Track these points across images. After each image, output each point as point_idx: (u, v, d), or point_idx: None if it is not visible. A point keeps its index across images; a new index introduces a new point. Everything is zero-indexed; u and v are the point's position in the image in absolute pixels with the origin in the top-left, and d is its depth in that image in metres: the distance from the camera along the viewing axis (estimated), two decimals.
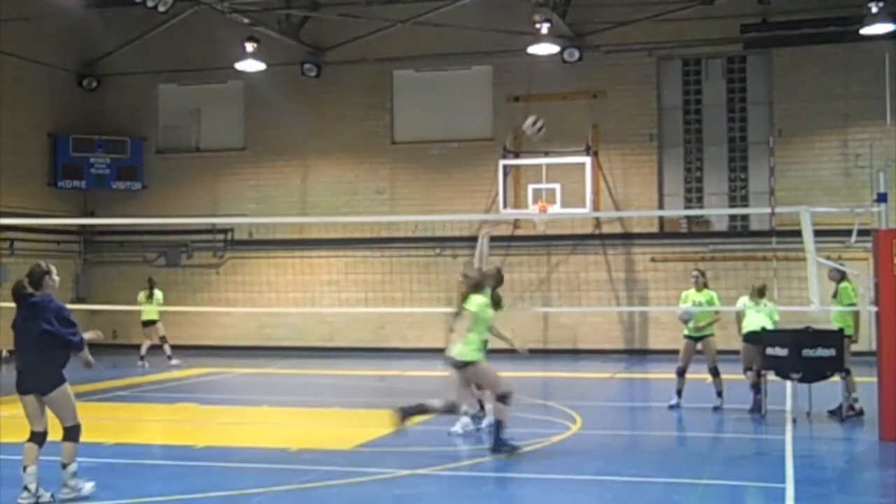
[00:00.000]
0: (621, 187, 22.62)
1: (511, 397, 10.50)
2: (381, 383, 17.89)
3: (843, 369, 12.33)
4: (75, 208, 25.20)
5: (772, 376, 12.70)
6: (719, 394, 13.46)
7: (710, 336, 13.66)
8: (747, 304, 13.39)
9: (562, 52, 21.72)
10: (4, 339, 9.43)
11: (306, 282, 23.70)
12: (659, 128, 22.91)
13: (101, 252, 25.60)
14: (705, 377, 13.68)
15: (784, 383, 12.84)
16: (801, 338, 12.37)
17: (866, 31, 19.62)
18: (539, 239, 22.38)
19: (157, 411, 14.62)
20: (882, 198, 11.84)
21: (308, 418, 13.69)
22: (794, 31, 21.48)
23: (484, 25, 22.29)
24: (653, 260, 22.41)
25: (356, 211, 23.88)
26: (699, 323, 13.59)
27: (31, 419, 8.27)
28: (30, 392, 8.22)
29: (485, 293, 10.60)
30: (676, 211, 23.05)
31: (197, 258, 25.21)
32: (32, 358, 8.20)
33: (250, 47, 22.01)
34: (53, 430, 8.37)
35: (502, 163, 21.16)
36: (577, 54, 21.87)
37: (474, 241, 12.22)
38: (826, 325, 13.14)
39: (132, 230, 24.60)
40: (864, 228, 12.34)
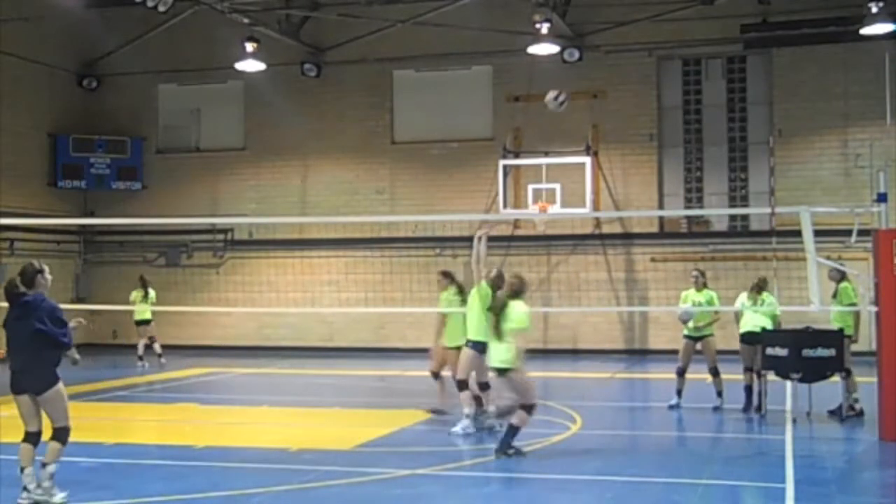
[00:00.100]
0: (621, 187, 22.62)
1: (535, 410, 10.50)
2: (381, 383, 17.89)
3: (843, 369, 12.34)
4: (75, 208, 25.19)
5: (772, 376, 12.70)
6: (719, 394, 13.46)
7: (710, 336, 13.67)
8: (745, 304, 13.38)
9: (562, 52, 21.72)
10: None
11: (306, 282, 23.69)
12: (659, 128, 22.91)
13: (101, 252, 25.60)
14: (705, 377, 13.69)
15: (784, 383, 12.84)
16: (801, 338, 12.37)
17: (866, 31, 19.61)
18: (539, 239, 22.38)
19: (158, 411, 14.62)
20: (882, 198, 11.84)
21: (308, 418, 13.69)
22: (794, 31, 21.48)
23: (484, 25, 22.29)
24: (653, 260, 22.41)
25: (356, 211, 23.88)
26: (699, 323, 13.60)
27: (26, 419, 8.22)
28: (24, 392, 8.15)
29: (523, 299, 10.58)
30: (676, 211, 23.05)
31: (197, 258, 25.20)
32: (25, 357, 8.13)
33: (250, 47, 22.00)
34: (49, 429, 8.32)
35: (502, 163, 21.20)
36: (577, 54, 21.86)
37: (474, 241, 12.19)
38: (826, 325, 13.15)
39: (132, 230, 24.59)
40: (864, 228, 12.34)
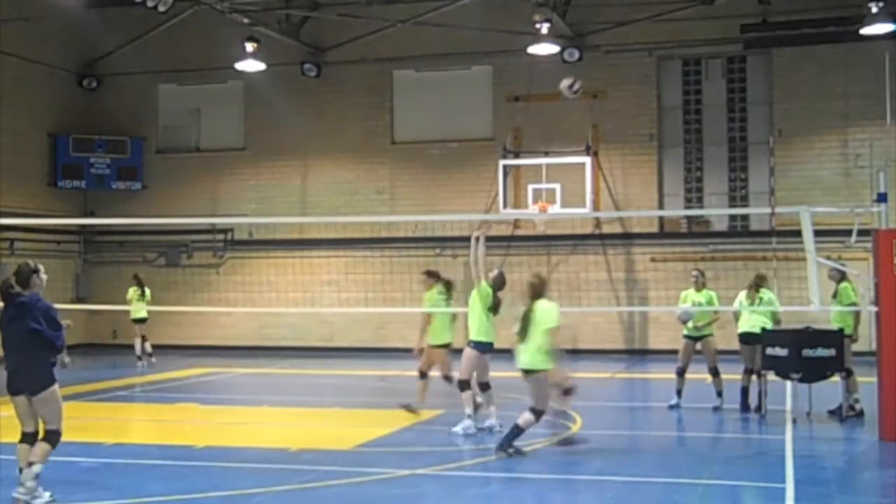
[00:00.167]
0: (621, 187, 22.62)
1: (543, 417, 10.51)
2: (381, 383, 17.87)
3: (843, 369, 12.33)
4: (75, 208, 25.19)
5: (772, 376, 12.70)
6: (719, 394, 13.45)
7: (710, 336, 13.66)
8: (743, 304, 13.37)
9: (562, 52, 21.72)
10: None
11: (306, 282, 23.69)
12: (659, 128, 22.90)
13: (101, 252, 25.59)
14: (705, 377, 13.69)
15: (784, 383, 12.83)
16: (801, 338, 12.36)
17: (866, 31, 19.61)
18: (539, 239, 22.37)
19: (158, 411, 14.62)
20: (882, 198, 11.84)
21: (308, 418, 13.69)
22: (794, 31, 21.47)
23: (484, 25, 22.29)
24: (653, 260, 22.41)
25: (356, 211, 23.87)
26: (698, 323, 13.59)
27: (23, 420, 8.19)
28: (20, 392, 8.10)
29: (547, 297, 10.59)
30: (676, 211, 23.05)
31: (197, 258, 25.20)
32: (21, 358, 8.06)
33: (250, 47, 22.00)
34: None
35: (502, 163, 21.20)
36: (577, 54, 21.85)
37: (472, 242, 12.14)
38: (826, 325, 13.14)
39: (132, 230, 24.59)
40: (864, 228, 12.33)
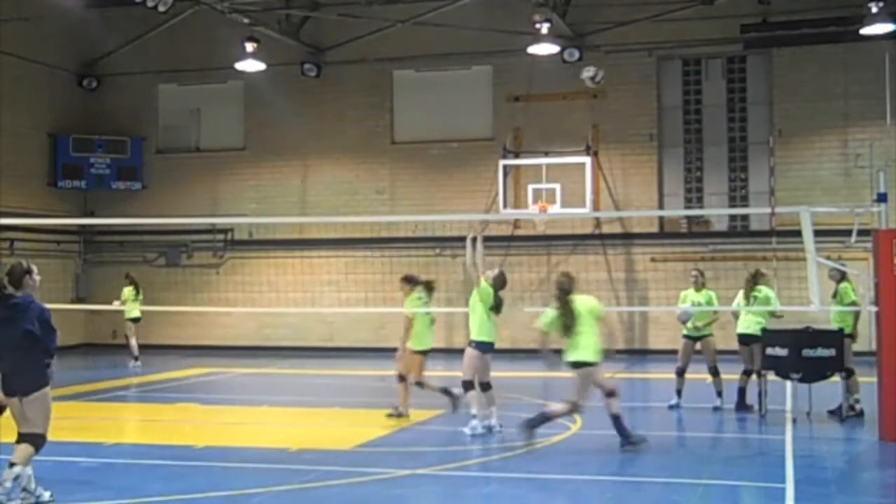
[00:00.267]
0: (621, 187, 22.61)
1: (577, 410, 10.68)
2: (381, 383, 17.85)
3: (843, 369, 12.33)
4: (75, 208, 25.19)
5: (772, 376, 12.70)
6: (719, 394, 13.45)
7: (710, 336, 13.67)
8: (740, 304, 13.37)
9: (562, 52, 21.71)
10: None
11: (306, 282, 23.69)
12: (659, 128, 22.90)
13: (101, 252, 25.59)
14: (705, 377, 13.69)
15: (784, 383, 12.83)
16: (801, 338, 12.36)
17: (866, 31, 19.60)
18: (539, 239, 22.37)
19: (157, 411, 14.62)
20: (882, 198, 11.84)
21: (308, 418, 13.69)
22: (794, 31, 21.47)
23: (484, 25, 22.29)
24: (653, 260, 22.41)
25: (356, 211, 23.87)
26: (698, 323, 13.60)
27: (18, 421, 8.15)
28: (14, 394, 8.03)
29: (579, 292, 10.72)
30: (676, 211, 23.04)
31: (197, 258, 25.20)
32: (15, 360, 7.97)
33: (250, 47, 21.99)
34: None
35: (502, 163, 21.19)
36: (577, 54, 21.84)
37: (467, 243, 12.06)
38: (826, 325, 13.14)
39: (132, 230, 24.59)
40: (864, 228, 12.33)
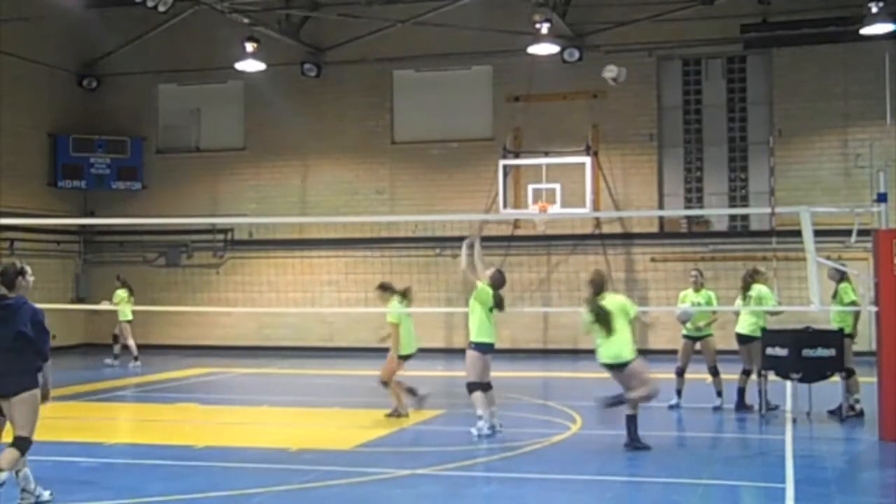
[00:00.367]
0: (621, 187, 22.61)
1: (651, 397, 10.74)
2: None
3: (843, 369, 12.32)
4: (75, 208, 25.19)
5: (772, 376, 12.70)
6: (719, 394, 13.45)
7: (710, 336, 13.68)
8: (739, 303, 13.38)
9: (562, 52, 21.71)
10: None
11: (306, 282, 23.69)
12: (659, 128, 22.90)
13: (101, 252, 25.59)
14: (705, 377, 13.69)
15: (784, 383, 12.83)
16: (801, 338, 12.35)
17: (866, 31, 19.60)
18: (539, 239, 22.37)
19: (157, 411, 14.62)
20: (882, 198, 11.84)
21: (308, 418, 13.69)
22: (794, 31, 21.47)
23: (484, 25, 22.29)
24: (653, 260, 22.40)
25: (356, 211, 23.87)
26: (698, 323, 13.60)
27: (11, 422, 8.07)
28: (5, 396, 7.93)
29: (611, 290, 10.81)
30: (676, 211, 23.04)
31: (197, 258, 25.21)
32: (6, 360, 7.87)
33: (250, 47, 21.99)
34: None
35: (502, 163, 21.18)
36: (577, 54, 21.85)
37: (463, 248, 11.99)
38: (826, 325, 13.14)
39: (132, 230, 24.59)
40: (864, 228, 12.33)
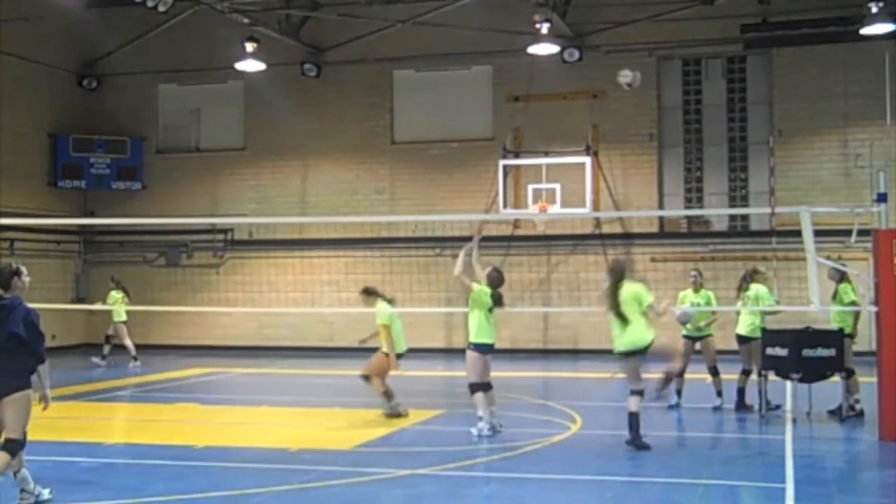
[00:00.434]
0: (621, 187, 22.61)
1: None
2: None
3: (843, 369, 12.32)
4: (75, 208, 25.19)
5: (772, 376, 12.70)
6: (719, 394, 13.45)
7: (709, 336, 13.68)
8: (741, 304, 13.37)
9: (562, 52, 21.71)
10: None
11: (306, 282, 23.69)
12: (659, 128, 22.90)
13: (101, 252, 25.59)
14: (705, 377, 13.69)
15: (784, 383, 12.84)
16: (801, 338, 12.36)
17: (866, 31, 19.60)
18: (539, 239, 22.37)
19: (157, 411, 14.61)
20: (882, 198, 11.84)
21: (308, 418, 13.69)
22: (794, 31, 21.47)
23: (484, 25, 22.28)
24: (653, 260, 22.40)
25: (356, 211, 23.87)
26: (698, 323, 13.60)
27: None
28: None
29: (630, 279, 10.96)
30: (676, 211, 23.03)
31: (197, 258, 25.20)
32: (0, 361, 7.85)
33: (250, 47, 21.99)
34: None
35: (502, 163, 21.18)
36: (577, 54, 21.85)
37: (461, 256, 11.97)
38: (826, 325, 13.14)
39: (132, 230, 24.59)
40: (864, 228, 12.33)
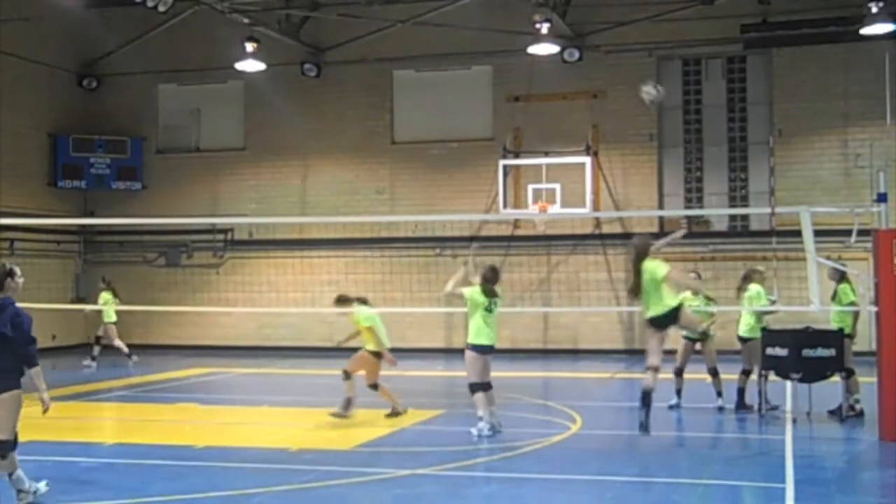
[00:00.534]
0: (621, 187, 22.61)
1: None
2: (380, 383, 17.82)
3: (843, 369, 12.32)
4: (75, 208, 25.18)
5: (772, 376, 12.70)
6: (719, 394, 13.44)
7: (709, 336, 13.67)
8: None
9: (562, 52, 21.71)
10: None
11: (306, 282, 23.67)
12: (659, 128, 22.89)
13: (101, 252, 25.59)
14: (705, 377, 13.68)
15: (784, 383, 12.84)
16: (801, 338, 12.35)
17: (866, 31, 19.60)
18: (539, 239, 22.37)
19: (157, 411, 14.61)
20: (882, 198, 11.85)
21: (308, 418, 13.68)
22: (794, 31, 21.47)
23: (484, 25, 22.28)
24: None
25: (356, 211, 23.87)
26: (698, 326, 13.57)
27: None
28: None
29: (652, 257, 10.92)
30: (676, 211, 23.01)
31: (197, 258, 25.20)
32: None
33: (250, 47, 21.99)
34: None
35: (502, 163, 21.20)
36: (577, 54, 21.85)
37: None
38: (826, 325, 13.14)
39: (132, 230, 24.59)
40: (864, 228, 12.34)
